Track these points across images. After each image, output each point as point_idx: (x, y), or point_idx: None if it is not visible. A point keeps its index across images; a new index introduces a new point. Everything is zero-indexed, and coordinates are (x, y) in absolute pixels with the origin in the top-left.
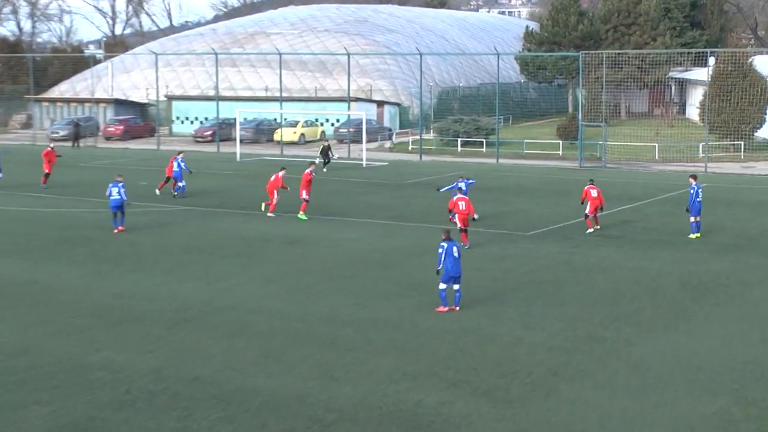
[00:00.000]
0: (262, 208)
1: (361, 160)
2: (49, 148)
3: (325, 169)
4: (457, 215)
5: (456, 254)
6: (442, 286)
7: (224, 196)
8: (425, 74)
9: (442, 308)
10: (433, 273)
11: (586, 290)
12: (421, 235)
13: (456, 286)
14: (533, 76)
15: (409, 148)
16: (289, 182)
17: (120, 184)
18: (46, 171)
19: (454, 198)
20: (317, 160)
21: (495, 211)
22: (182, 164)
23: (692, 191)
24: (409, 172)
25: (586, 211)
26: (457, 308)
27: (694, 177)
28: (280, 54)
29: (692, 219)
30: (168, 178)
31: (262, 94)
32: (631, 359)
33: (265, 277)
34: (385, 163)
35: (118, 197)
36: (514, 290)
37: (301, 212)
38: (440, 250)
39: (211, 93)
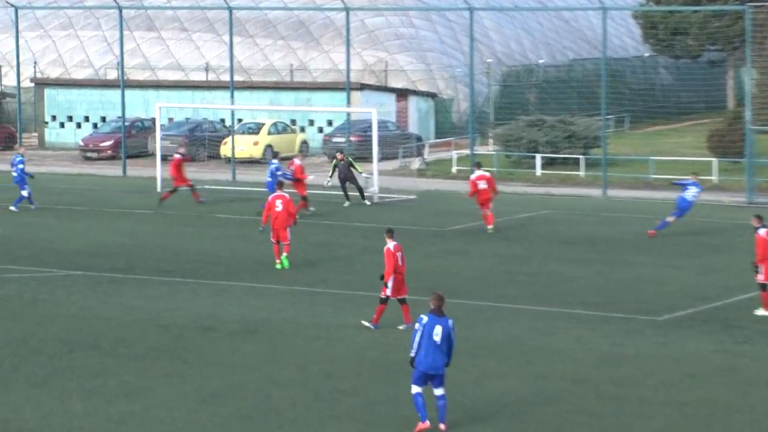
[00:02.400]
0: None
1: (370, 190)
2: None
3: (367, 202)
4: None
5: (439, 338)
6: (416, 389)
7: (134, 253)
8: (480, 44)
9: (421, 425)
10: (499, 386)
11: (764, 419)
12: (474, 319)
13: (438, 391)
14: (666, 47)
15: (453, 169)
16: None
17: None
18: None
19: (392, 246)
20: (363, 199)
21: (603, 280)
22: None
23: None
24: (452, 211)
25: (760, 277)
26: (443, 425)
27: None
28: (230, 9)
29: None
30: (175, 188)
31: (200, 77)
32: None
33: (206, 394)
34: (412, 197)
35: None
36: (638, 419)
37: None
38: (416, 326)
39: (113, 75)
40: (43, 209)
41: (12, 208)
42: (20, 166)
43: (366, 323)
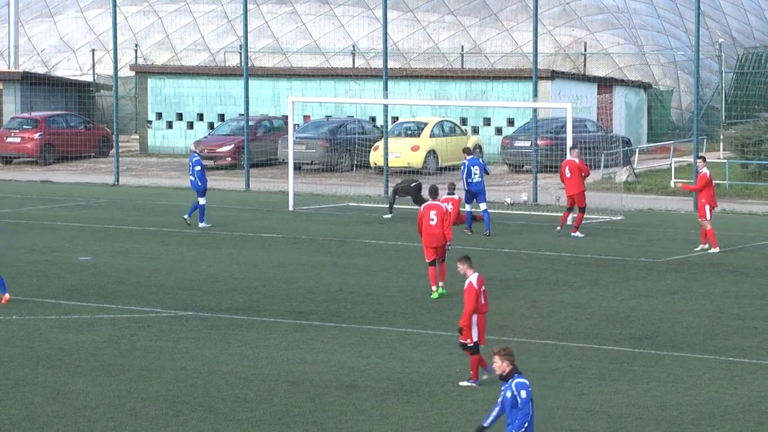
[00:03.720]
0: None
1: (563, 208)
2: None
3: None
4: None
5: (519, 401)
6: None
7: (258, 289)
8: (709, 19)
9: None
10: None
11: None
12: (698, 378)
13: None
14: None
15: (671, 183)
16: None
17: None
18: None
19: (475, 280)
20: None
21: None
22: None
23: None
24: (669, 237)
25: None
26: None
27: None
28: None
29: None
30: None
31: (345, 63)
32: None
33: None
34: (618, 218)
35: None
36: None
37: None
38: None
39: (234, 62)
40: (145, 233)
41: (201, 224)
42: (197, 168)
43: (467, 383)
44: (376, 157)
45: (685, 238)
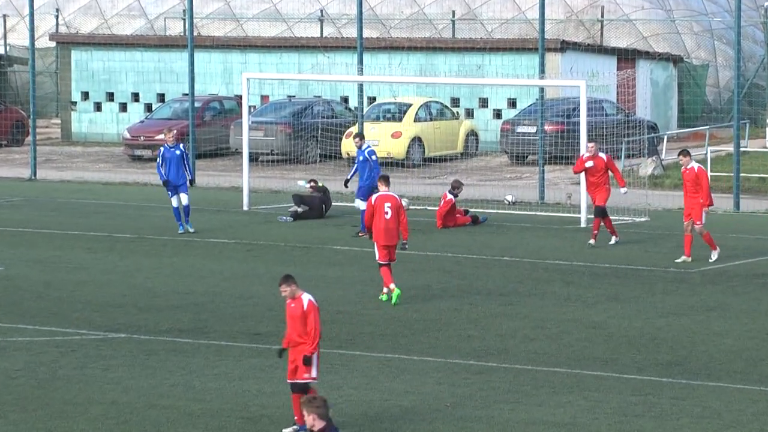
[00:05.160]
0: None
1: (576, 208)
2: None
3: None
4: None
5: None
6: None
7: (206, 306)
8: None
9: None
10: None
11: None
12: (738, 412)
13: None
14: None
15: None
16: None
17: None
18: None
19: (314, 299)
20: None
21: None
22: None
23: None
24: (705, 244)
25: None
26: None
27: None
28: None
29: None
30: None
31: (311, 32)
32: None
33: None
34: (642, 219)
35: None
36: None
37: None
38: None
39: (176, 30)
40: (68, 237)
41: (182, 230)
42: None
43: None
44: (348, 146)
45: (723, 243)
